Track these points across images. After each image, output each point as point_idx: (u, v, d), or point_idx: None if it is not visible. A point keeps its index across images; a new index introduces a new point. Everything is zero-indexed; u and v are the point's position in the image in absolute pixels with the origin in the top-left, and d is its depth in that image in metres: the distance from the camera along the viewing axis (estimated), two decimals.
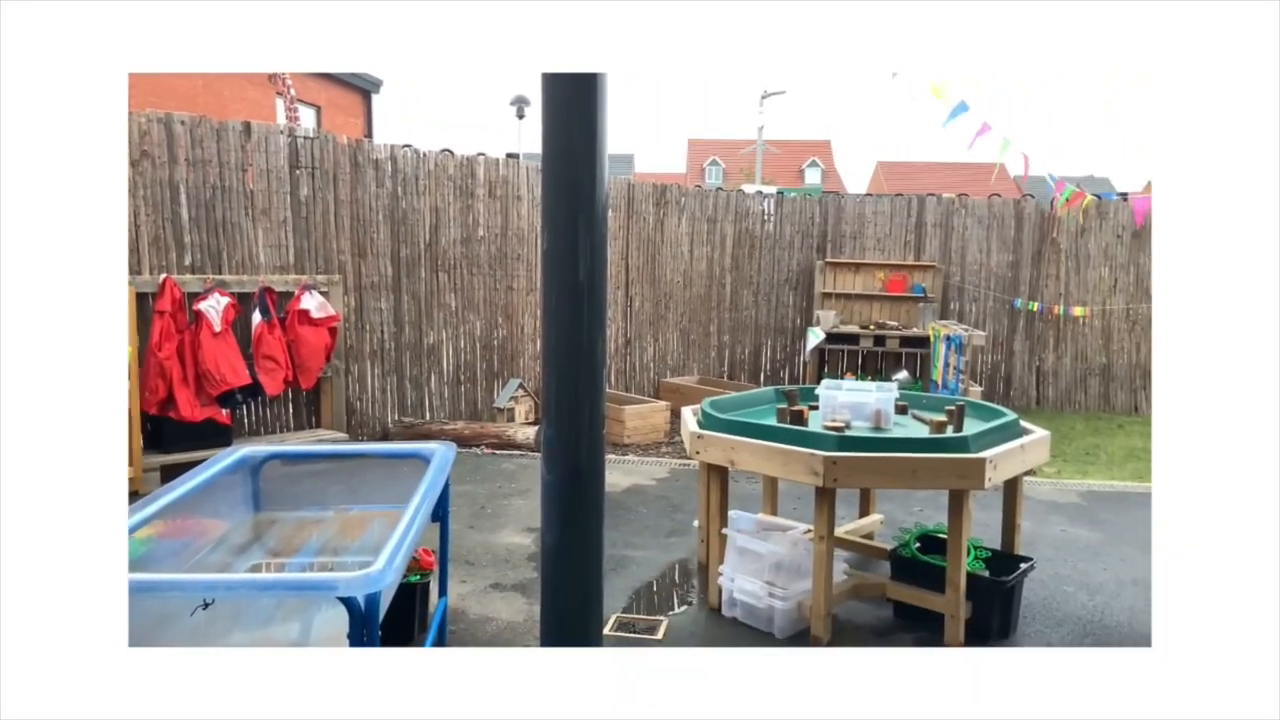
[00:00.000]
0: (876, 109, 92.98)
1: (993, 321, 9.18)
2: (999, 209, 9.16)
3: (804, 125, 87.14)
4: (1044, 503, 5.46)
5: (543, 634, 2.30)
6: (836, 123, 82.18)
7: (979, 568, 3.56)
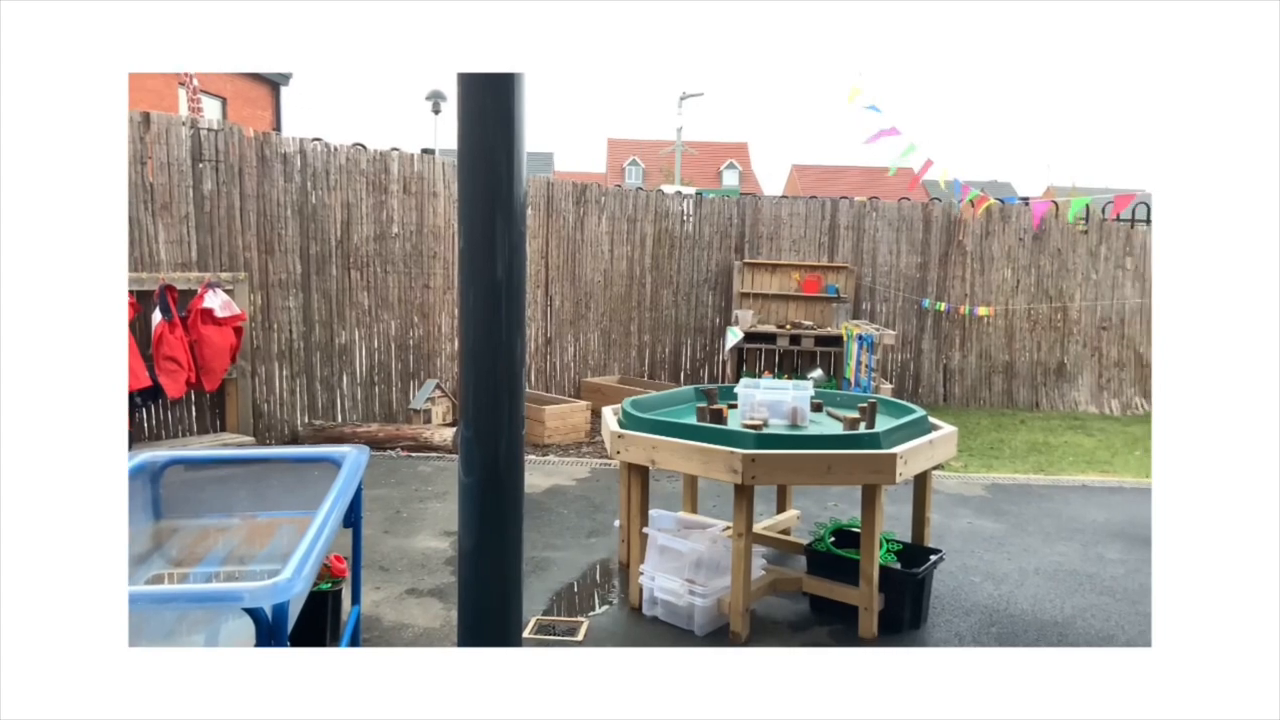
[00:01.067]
0: (792, 113, 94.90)
1: (902, 321, 9.47)
2: (908, 212, 9.45)
3: (722, 127, 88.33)
4: (952, 496, 5.66)
5: (460, 639, 2.25)
6: (753, 126, 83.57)
7: (891, 560, 3.67)
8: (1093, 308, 9.41)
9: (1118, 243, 9.39)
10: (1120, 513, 5.37)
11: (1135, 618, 3.75)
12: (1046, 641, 3.50)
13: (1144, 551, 4.63)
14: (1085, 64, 2.13)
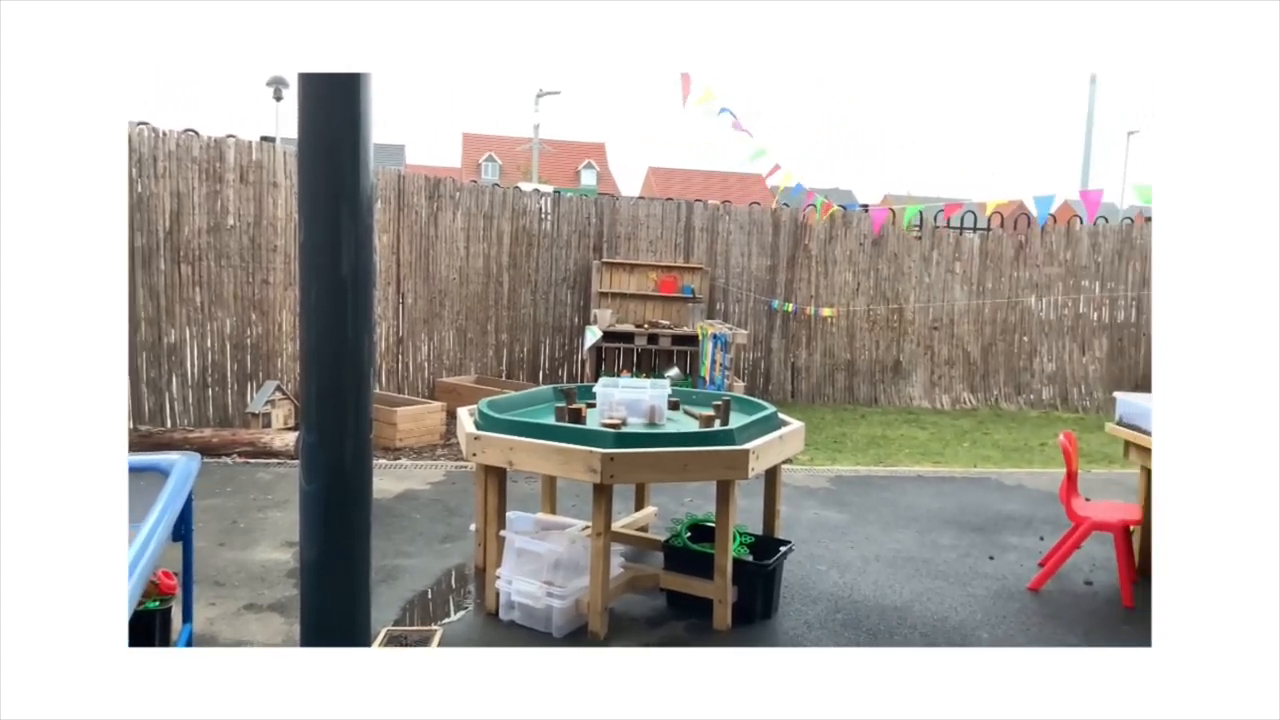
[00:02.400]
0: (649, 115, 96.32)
1: (754, 321, 9.79)
2: (758, 216, 9.78)
3: (580, 127, 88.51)
4: (800, 488, 5.90)
5: None
6: (611, 126, 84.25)
7: (744, 553, 3.77)
8: (925, 309, 10.06)
9: (948, 248, 10.08)
10: (951, 501, 5.77)
11: (966, 600, 4.03)
12: (886, 624, 3.70)
13: (973, 537, 4.99)
14: (921, 77, 2.22)
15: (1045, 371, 10.27)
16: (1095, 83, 13.54)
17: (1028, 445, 7.88)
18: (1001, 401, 10.13)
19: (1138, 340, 10.36)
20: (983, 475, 6.59)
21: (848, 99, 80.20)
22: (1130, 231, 10.33)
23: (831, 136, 77.43)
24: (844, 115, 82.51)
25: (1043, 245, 10.16)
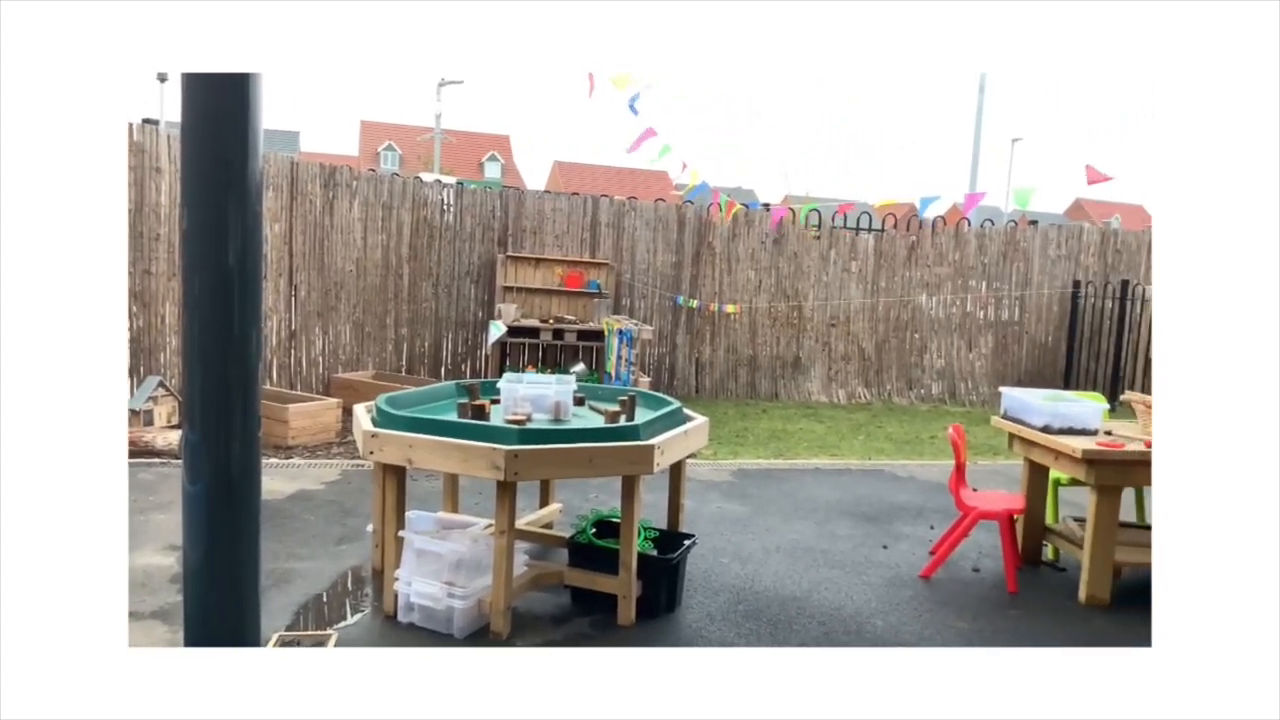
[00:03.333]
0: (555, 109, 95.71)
1: (659, 317, 9.86)
2: (664, 213, 9.85)
3: (484, 118, 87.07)
4: (703, 482, 5.97)
5: None
6: (516, 119, 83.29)
7: (648, 547, 3.79)
8: (824, 307, 10.34)
9: (844, 248, 10.39)
10: (848, 492, 5.95)
11: (862, 588, 4.16)
12: (786, 614, 3.78)
13: (868, 527, 5.15)
14: (820, 80, 2.25)
15: (935, 367, 10.71)
16: (983, 90, 14.20)
17: (919, 438, 8.20)
18: (894, 396, 10.51)
19: (1020, 337, 10.93)
20: (877, 467, 6.83)
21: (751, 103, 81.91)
22: (1014, 234, 10.88)
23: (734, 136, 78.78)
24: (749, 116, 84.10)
25: (933, 246, 10.59)
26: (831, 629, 3.66)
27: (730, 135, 78.47)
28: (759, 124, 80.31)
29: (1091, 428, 4.20)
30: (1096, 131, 37.87)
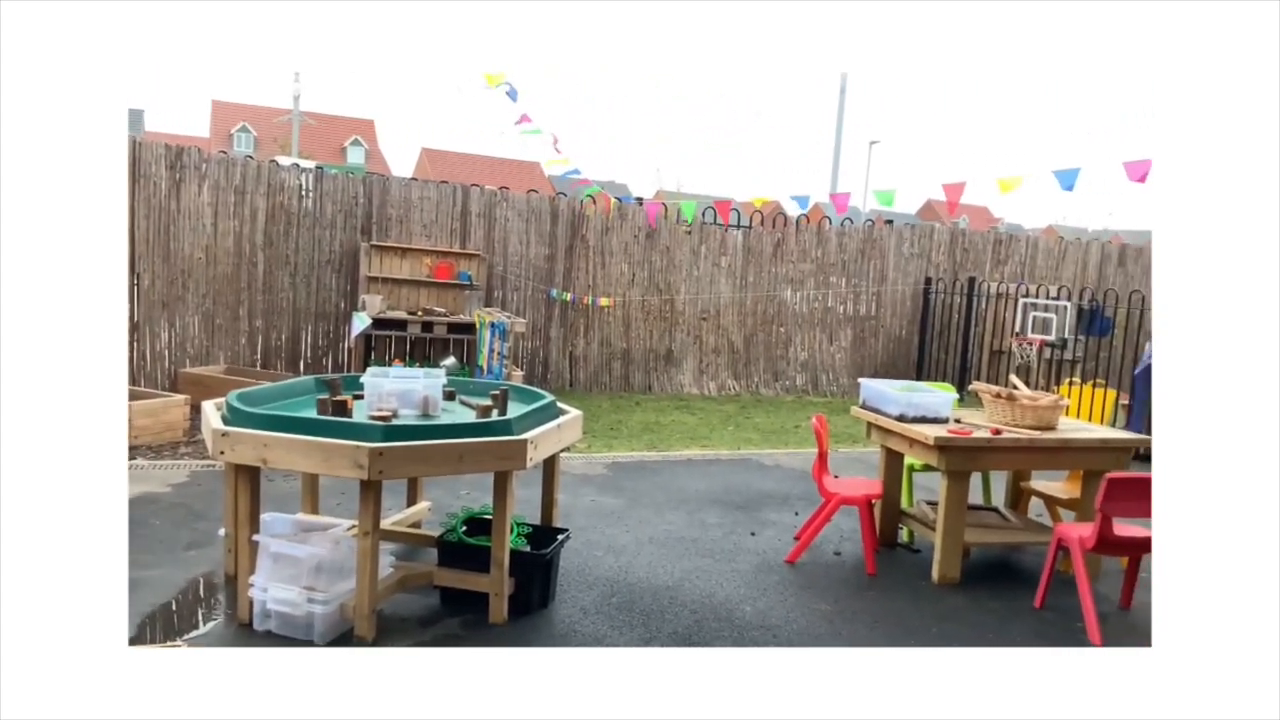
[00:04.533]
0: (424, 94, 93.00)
1: (532, 310, 9.76)
2: (536, 204, 9.74)
3: (347, 102, 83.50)
4: (577, 476, 5.95)
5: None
6: (381, 103, 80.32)
7: (521, 544, 3.73)
8: (695, 300, 10.53)
9: (714, 243, 10.60)
10: (718, 482, 6.08)
11: (731, 575, 4.26)
12: (659, 604, 3.82)
13: (737, 515, 5.28)
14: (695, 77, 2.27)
15: (799, 360, 11.11)
16: (844, 92, 14.81)
17: (784, 428, 8.48)
18: (761, 388, 10.83)
19: (876, 331, 11.49)
20: (745, 457, 7.01)
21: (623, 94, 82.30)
22: (871, 232, 11.41)
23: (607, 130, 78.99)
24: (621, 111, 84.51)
25: (797, 243, 10.97)
26: (702, 617, 3.72)
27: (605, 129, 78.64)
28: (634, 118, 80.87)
29: (943, 416, 4.45)
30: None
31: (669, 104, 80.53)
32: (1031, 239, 12.58)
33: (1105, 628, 3.76)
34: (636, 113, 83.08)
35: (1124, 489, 3.60)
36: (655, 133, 76.41)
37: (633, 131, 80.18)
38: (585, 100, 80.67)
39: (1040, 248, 12.51)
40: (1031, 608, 4.02)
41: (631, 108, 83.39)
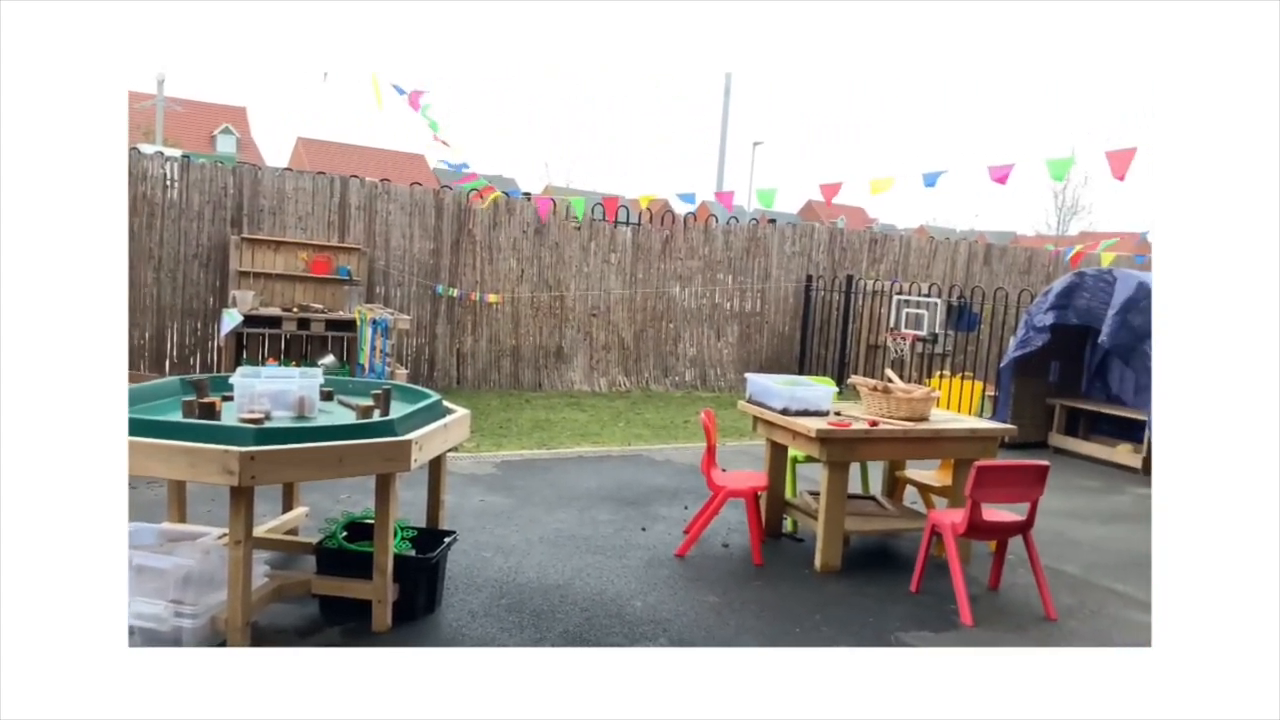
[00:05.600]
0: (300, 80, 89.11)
1: (417, 306, 9.50)
2: (420, 197, 9.49)
3: (217, 87, 78.99)
4: (465, 476, 5.83)
5: None
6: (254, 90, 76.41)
7: (406, 548, 3.62)
8: (585, 297, 10.50)
9: (604, 240, 10.61)
10: (609, 478, 6.08)
11: (622, 571, 4.26)
12: (549, 603, 3.78)
13: (628, 511, 5.30)
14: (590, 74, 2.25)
15: (688, 355, 11.26)
16: (729, 93, 15.09)
17: (674, 423, 8.57)
18: (651, 383, 10.92)
19: (761, 327, 11.78)
20: (636, 452, 7.05)
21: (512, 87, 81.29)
22: (756, 231, 11.68)
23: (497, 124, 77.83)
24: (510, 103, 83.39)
25: (685, 241, 11.11)
26: (593, 614, 3.71)
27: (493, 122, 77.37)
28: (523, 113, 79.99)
29: (824, 409, 4.59)
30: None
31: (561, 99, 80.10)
32: (904, 239, 13.17)
33: (976, 609, 3.97)
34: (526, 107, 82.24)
35: (992, 476, 3.81)
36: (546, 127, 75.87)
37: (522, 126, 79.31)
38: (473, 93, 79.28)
39: (913, 247, 13.11)
40: (908, 592, 4.20)
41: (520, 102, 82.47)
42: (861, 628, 3.73)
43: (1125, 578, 4.60)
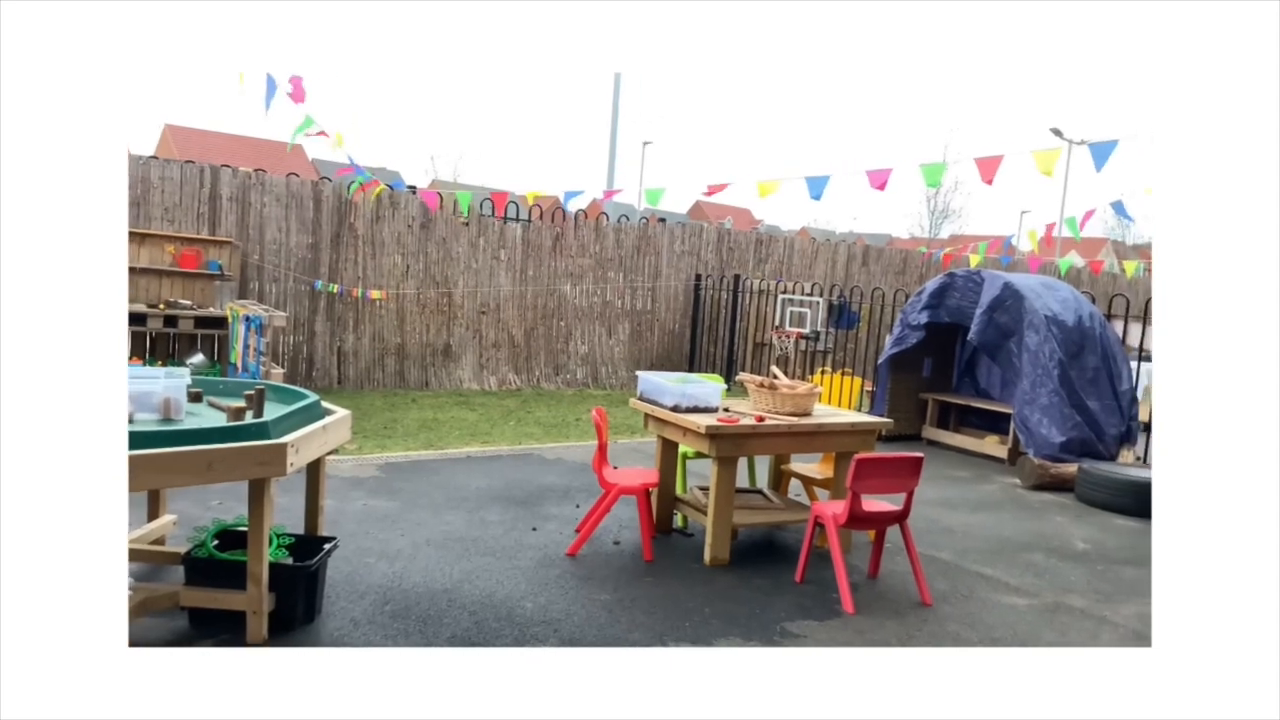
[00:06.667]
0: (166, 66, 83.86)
1: (294, 302, 9.11)
2: (297, 189, 9.09)
3: None
4: (347, 479, 5.62)
5: None
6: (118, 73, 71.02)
7: (282, 555, 3.46)
8: (474, 294, 10.32)
9: (494, 236, 10.45)
10: (499, 478, 5.99)
11: (512, 572, 4.20)
12: (436, 608, 3.69)
13: (518, 511, 5.23)
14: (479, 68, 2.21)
15: (579, 353, 11.24)
16: (618, 91, 15.13)
17: (565, 421, 8.53)
18: (542, 381, 10.84)
19: (652, 325, 11.88)
20: (527, 451, 6.97)
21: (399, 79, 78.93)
22: (647, 230, 11.76)
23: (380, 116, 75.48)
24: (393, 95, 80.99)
25: (576, 238, 11.08)
26: (482, 618, 3.64)
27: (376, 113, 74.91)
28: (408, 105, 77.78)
29: (713, 405, 4.66)
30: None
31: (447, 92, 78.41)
32: (788, 240, 13.56)
33: (856, 596, 4.12)
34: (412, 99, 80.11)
35: (871, 468, 3.96)
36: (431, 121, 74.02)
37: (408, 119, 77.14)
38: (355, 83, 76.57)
39: (796, 248, 13.52)
40: (793, 582, 4.31)
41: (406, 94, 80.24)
42: (749, 619, 3.81)
43: (993, 562, 4.87)
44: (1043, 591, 4.44)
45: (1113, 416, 7.24)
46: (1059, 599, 4.34)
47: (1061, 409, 7.03)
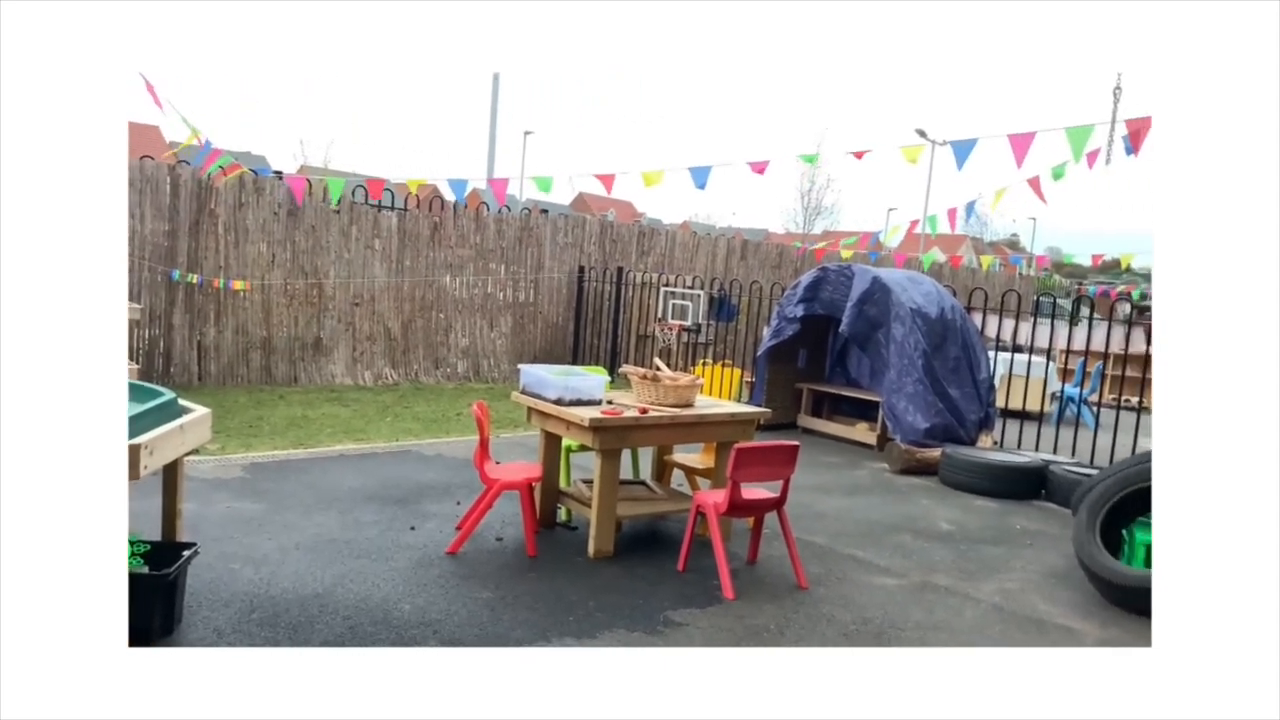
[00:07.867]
0: None
1: (149, 293, 8.51)
2: (152, 173, 8.49)
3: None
4: (208, 481, 5.30)
5: None
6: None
7: (137, 565, 3.22)
8: (346, 285, 9.92)
9: (367, 225, 10.07)
10: (374, 477, 5.78)
11: (389, 574, 4.06)
12: (308, 614, 3.52)
13: (395, 510, 5.06)
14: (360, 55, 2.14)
15: (460, 346, 11.01)
16: (498, 81, 14.88)
17: (445, 416, 8.34)
18: (421, 375, 10.56)
19: (535, 317, 11.76)
20: (404, 448, 6.77)
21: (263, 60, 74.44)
22: (530, 220, 11.62)
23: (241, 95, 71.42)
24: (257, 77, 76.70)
25: (455, 228, 10.82)
26: (357, 622, 3.50)
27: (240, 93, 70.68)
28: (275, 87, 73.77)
29: (596, 398, 4.65)
30: None
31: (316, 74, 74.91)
32: (670, 233, 13.71)
33: (736, 582, 4.20)
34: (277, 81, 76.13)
35: (750, 457, 4.04)
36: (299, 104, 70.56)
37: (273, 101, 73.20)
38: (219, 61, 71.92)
39: (678, 241, 13.68)
40: (676, 571, 4.36)
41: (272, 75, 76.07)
42: (633, 610, 3.82)
43: (864, 545, 5.08)
44: (911, 571, 4.66)
45: (972, 404, 7.69)
46: (926, 578, 4.56)
47: (926, 397, 7.40)
